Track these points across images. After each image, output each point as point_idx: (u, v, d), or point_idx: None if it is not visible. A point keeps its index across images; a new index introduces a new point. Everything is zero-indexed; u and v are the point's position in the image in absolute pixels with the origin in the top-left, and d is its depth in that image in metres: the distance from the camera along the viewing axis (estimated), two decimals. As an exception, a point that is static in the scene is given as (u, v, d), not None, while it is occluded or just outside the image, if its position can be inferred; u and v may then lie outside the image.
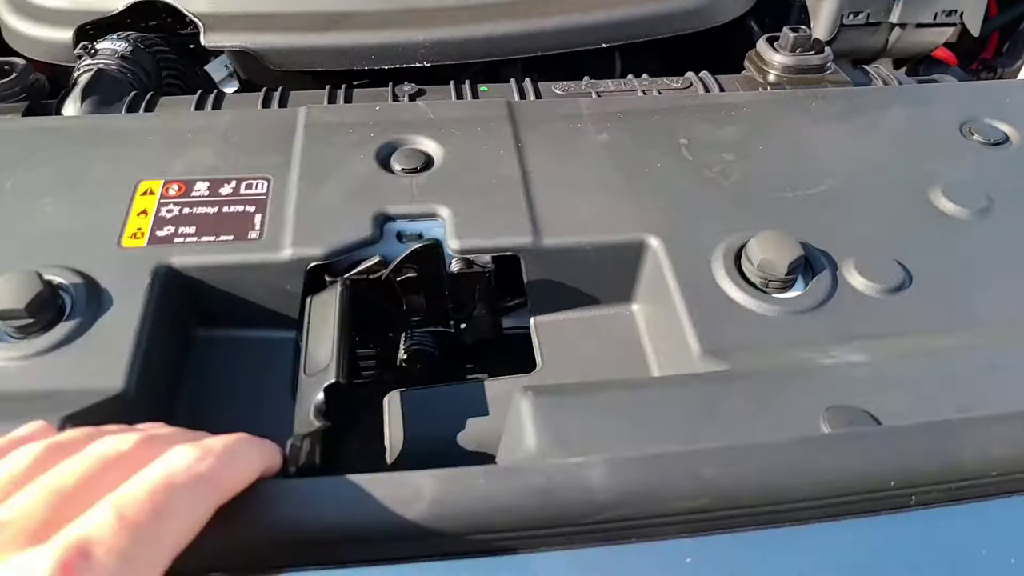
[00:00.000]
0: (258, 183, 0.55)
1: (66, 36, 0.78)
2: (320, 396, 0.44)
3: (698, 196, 0.55)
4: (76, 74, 0.68)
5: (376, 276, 0.52)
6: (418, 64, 0.78)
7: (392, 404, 0.50)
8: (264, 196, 0.54)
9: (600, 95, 0.67)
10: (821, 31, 0.85)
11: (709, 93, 0.68)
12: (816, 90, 0.67)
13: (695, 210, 0.54)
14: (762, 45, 0.70)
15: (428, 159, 0.57)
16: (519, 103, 0.64)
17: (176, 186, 0.55)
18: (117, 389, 0.44)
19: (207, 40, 0.76)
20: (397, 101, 0.69)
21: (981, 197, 0.56)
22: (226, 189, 0.55)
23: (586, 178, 0.56)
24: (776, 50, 0.68)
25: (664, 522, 0.34)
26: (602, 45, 0.81)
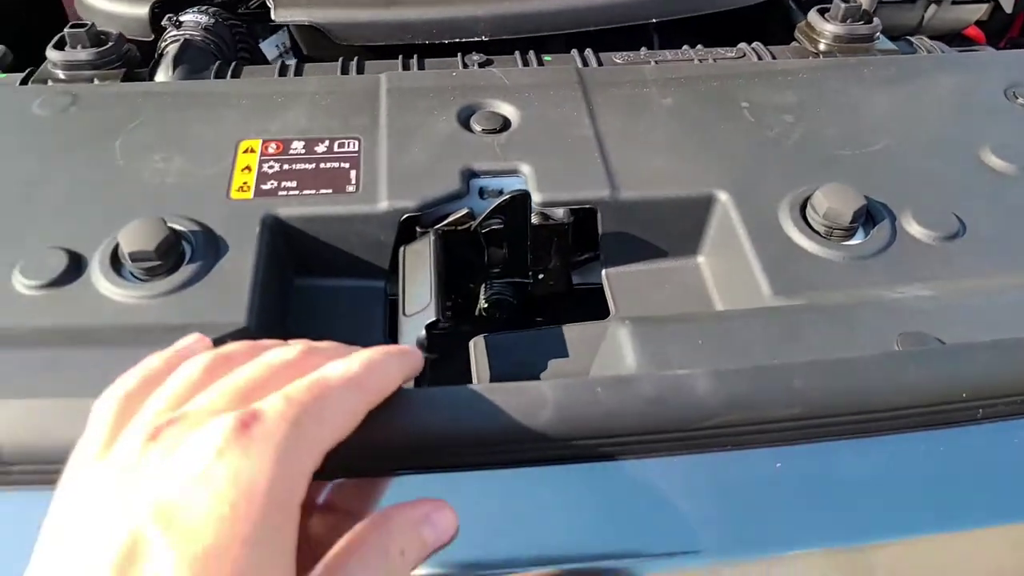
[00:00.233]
0: (350, 142, 0.59)
1: (140, 11, 0.82)
2: (422, 332, 0.48)
3: (761, 154, 0.59)
4: (163, 44, 0.72)
5: (464, 227, 0.56)
6: (477, 38, 0.82)
7: (478, 347, 0.54)
8: (356, 154, 0.58)
9: (658, 64, 0.70)
10: (861, 7, 0.88)
11: (763, 61, 0.72)
12: (867, 58, 0.71)
13: (759, 167, 0.58)
14: (813, 16, 0.73)
15: (506, 121, 0.61)
16: (587, 70, 0.68)
17: (274, 145, 0.59)
18: (240, 324, 0.48)
19: (277, 15, 0.80)
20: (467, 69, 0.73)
21: (1028, 154, 0.59)
22: (320, 147, 0.59)
23: (655, 138, 0.60)
24: (827, 20, 0.72)
25: (759, 430, 0.38)
26: (652, 20, 0.84)
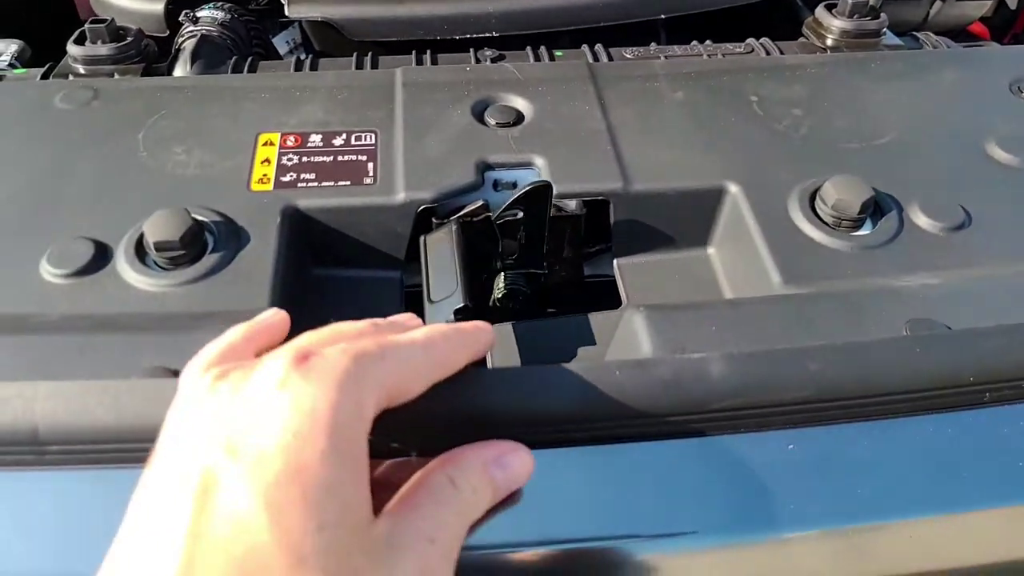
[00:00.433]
0: (366, 135, 0.60)
1: (156, 8, 0.83)
2: (451, 317, 0.49)
3: (771, 147, 0.60)
4: (180, 40, 0.73)
5: (480, 218, 0.57)
6: (488, 34, 0.83)
7: (501, 334, 0.55)
8: (374, 146, 0.59)
9: (668, 59, 0.72)
10: (866, 3, 0.89)
11: (771, 56, 0.73)
12: (874, 52, 0.72)
13: (769, 159, 0.59)
14: (821, 11, 0.74)
15: (519, 114, 0.62)
16: (598, 64, 0.69)
17: (293, 138, 0.60)
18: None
19: (291, 11, 0.81)
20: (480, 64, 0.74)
21: (1033, 147, 0.61)
22: (338, 140, 0.60)
23: (666, 131, 0.61)
24: (835, 16, 0.73)
25: (772, 412, 0.39)
26: (661, 16, 0.86)
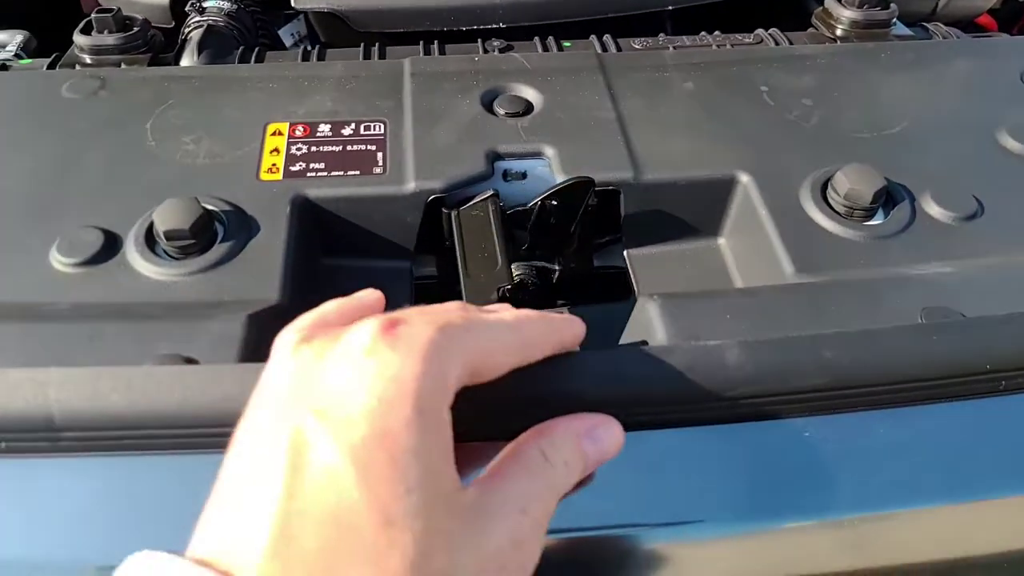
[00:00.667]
0: (375, 125, 0.60)
1: (162, -1, 0.83)
2: (494, 296, 0.49)
3: (782, 137, 0.60)
4: (187, 30, 0.73)
5: (518, 207, 0.56)
6: (494, 25, 0.82)
7: None
8: (383, 136, 0.59)
9: (677, 49, 0.71)
10: (875, -7, 0.88)
11: (781, 46, 0.72)
12: (884, 43, 0.72)
13: (780, 149, 0.59)
14: (831, 2, 0.74)
15: (528, 104, 0.62)
16: (607, 55, 0.69)
17: (301, 127, 0.60)
18: (274, 301, 0.49)
19: (297, 2, 0.81)
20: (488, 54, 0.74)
21: (1045, 136, 0.60)
22: (347, 130, 0.59)
23: (676, 121, 0.61)
24: (845, 6, 0.73)
25: (788, 400, 0.39)
26: (668, 7, 0.85)
